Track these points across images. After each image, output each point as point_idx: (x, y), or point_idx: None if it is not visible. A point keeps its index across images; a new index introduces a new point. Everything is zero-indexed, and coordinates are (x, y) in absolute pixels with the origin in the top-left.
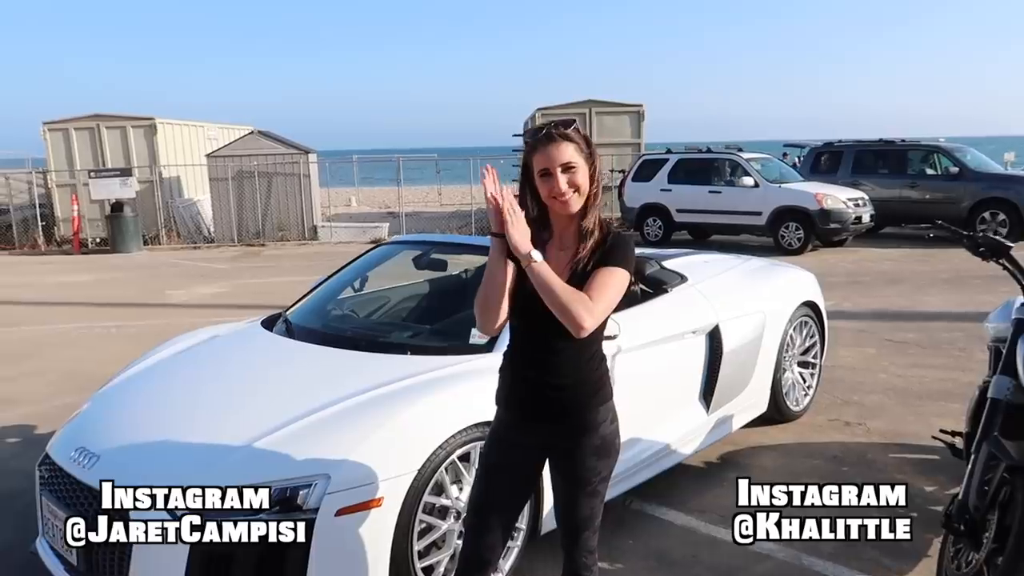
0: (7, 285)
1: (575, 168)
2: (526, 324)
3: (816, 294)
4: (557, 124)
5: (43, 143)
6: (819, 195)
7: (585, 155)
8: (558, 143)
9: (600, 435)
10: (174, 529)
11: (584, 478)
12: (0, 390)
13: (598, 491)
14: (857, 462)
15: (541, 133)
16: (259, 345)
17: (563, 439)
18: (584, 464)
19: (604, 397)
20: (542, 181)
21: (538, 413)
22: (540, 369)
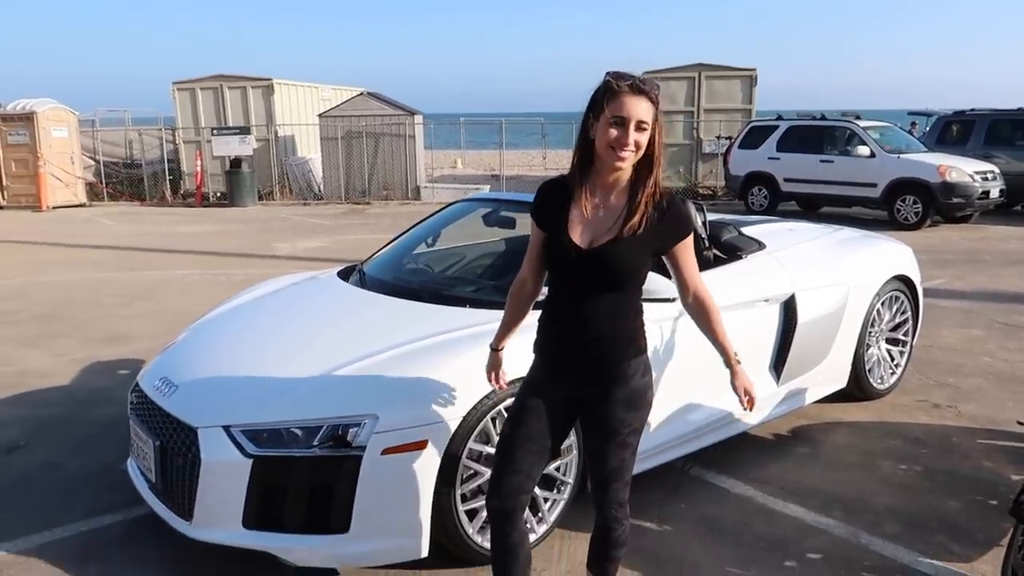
0: (135, 234)
1: (646, 131)
2: (561, 278)
3: (911, 268)
4: (647, 80)
5: (172, 102)
6: (942, 167)
7: (655, 121)
8: (642, 98)
9: (631, 387)
10: (237, 455)
11: (614, 429)
12: (119, 327)
13: (628, 443)
14: (939, 445)
15: (630, 80)
16: (332, 293)
17: (593, 391)
18: (614, 415)
19: (637, 350)
20: (611, 127)
21: (571, 364)
22: (575, 321)
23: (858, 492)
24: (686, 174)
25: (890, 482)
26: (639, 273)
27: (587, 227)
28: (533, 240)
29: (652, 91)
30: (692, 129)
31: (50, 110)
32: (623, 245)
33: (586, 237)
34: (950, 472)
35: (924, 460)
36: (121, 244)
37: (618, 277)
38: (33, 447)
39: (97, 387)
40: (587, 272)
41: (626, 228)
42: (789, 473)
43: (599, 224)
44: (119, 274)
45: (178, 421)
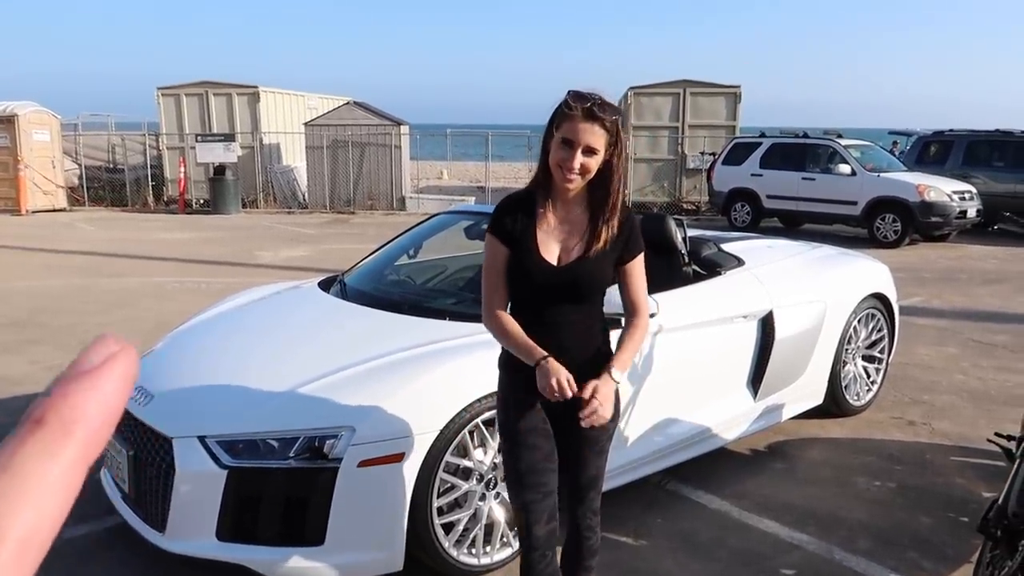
0: (115, 240)
1: (595, 155)
2: (527, 294)
3: (887, 286)
4: (604, 104)
5: (157, 107)
6: (921, 186)
7: (611, 147)
8: (595, 125)
9: None
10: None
11: (594, 437)
12: (96, 334)
13: (605, 450)
14: (913, 462)
15: (586, 104)
16: (312, 304)
17: (569, 403)
18: None
19: (606, 357)
20: (559, 147)
21: None
22: (545, 335)
23: (832, 508)
24: (670, 189)
25: (864, 498)
26: (604, 286)
27: (555, 243)
28: (492, 258)
29: (608, 117)
30: (677, 144)
31: (32, 113)
32: (592, 262)
33: (555, 254)
34: (923, 489)
35: (898, 476)
36: (101, 250)
37: (587, 291)
38: None
39: None
40: (557, 288)
41: (593, 249)
42: (765, 488)
43: (566, 240)
44: (98, 280)
45: (152, 431)
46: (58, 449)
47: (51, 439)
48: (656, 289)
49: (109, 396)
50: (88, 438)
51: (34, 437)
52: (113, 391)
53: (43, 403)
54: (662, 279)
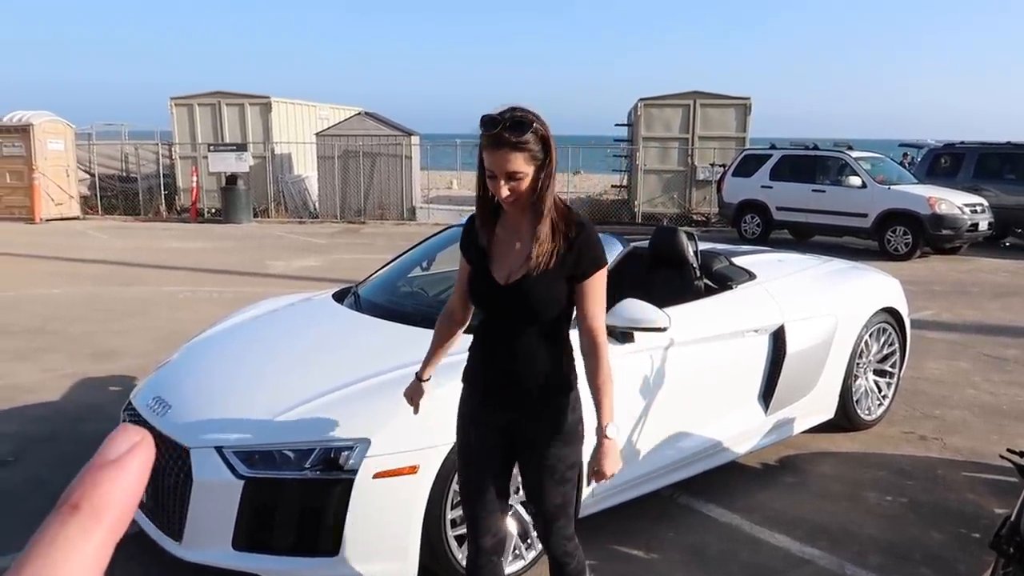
0: (128, 248)
1: (521, 178)
2: (484, 311)
3: (898, 300)
4: (514, 124)
5: (169, 117)
6: (932, 199)
7: (537, 161)
8: (505, 153)
9: (563, 421)
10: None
11: (550, 466)
12: (110, 343)
13: (567, 478)
14: (924, 477)
15: (493, 131)
16: (327, 315)
17: (525, 425)
18: (549, 452)
19: (567, 385)
20: (487, 175)
21: (501, 395)
22: (500, 353)
23: (844, 522)
24: (680, 200)
25: (875, 513)
26: (557, 306)
27: (504, 261)
28: (461, 271)
29: (523, 138)
30: (686, 156)
31: (47, 122)
32: (535, 279)
33: (503, 272)
34: (935, 504)
35: (909, 492)
36: (113, 259)
37: (535, 311)
38: (21, 462)
39: (86, 403)
40: (506, 306)
41: (531, 264)
42: (776, 502)
43: (515, 258)
44: (110, 289)
45: (171, 440)
46: (91, 532)
47: (85, 523)
48: (668, 303)
49: (132, 483)
50: (116, 521)
51: (72, 521)
52: (136, 479)
53: (76, 490)
54: (674, 293)
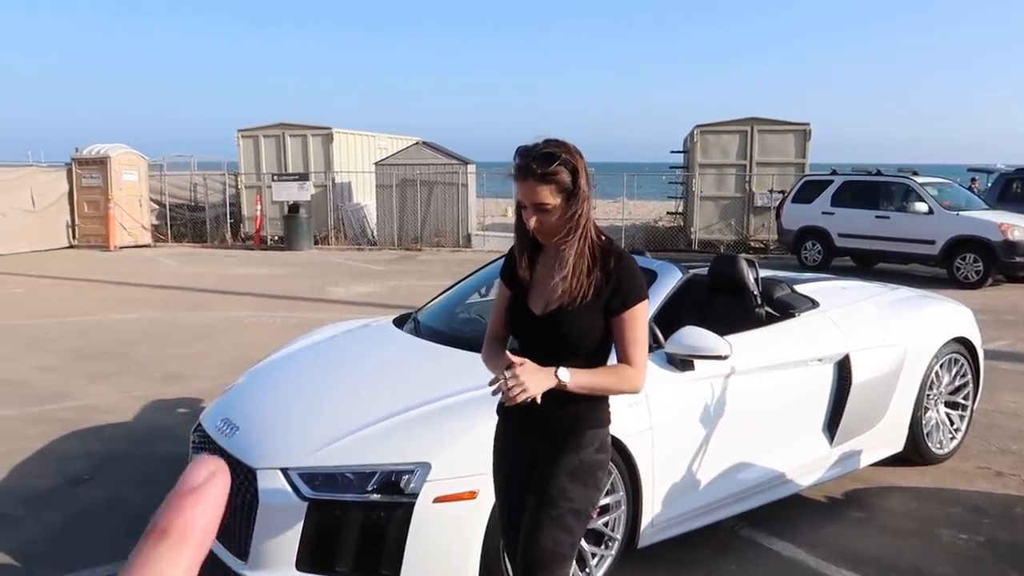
0: (195, 275)
1: (549, 209)
2: (524, 341)
3: (971, 330)
4: (542, 156)
5: (236, 148)
6: (1004, 225)
7: (565, 193)
8: (532, 184)
9: (580, 458)
10: (293, 498)
11: (552, 497)
12: (177, 366)
13: (567, 523)
14: (1002, 515)
15: (522, 163)
16: (387, 341)
17: (545, 455)
18: (556, 482)
19: (596, 422)
20: (518, 206)
21: (529, 424)
22: None
23: (915, 560)
24: (737, 227)
25: (950, 552)
26: (592, 340)
27: (542, 292)
28: (499, 299)
29: (549, 169)
30: (744, 182)
31: (122, 155)
32: (571, 311)
33: (540, 303)
34: (1013, 543)
35: (986, 530)
36: (182, 284)
37: (570, 343)
38: (96, 481)
39: (157, 424)
40: (541, 337)
41: (575, 297)
42: (842, 537)
43: (552, 289)
44: (179, 314)
45: (238, 461)
46: (180, 555)
47: (174, 547)
48: (728, 330)
49: (213, 509)
50: (199, 544)
51: (162, 545)
52: (216, 505)
53: (164, 516)
54: (734, 320)
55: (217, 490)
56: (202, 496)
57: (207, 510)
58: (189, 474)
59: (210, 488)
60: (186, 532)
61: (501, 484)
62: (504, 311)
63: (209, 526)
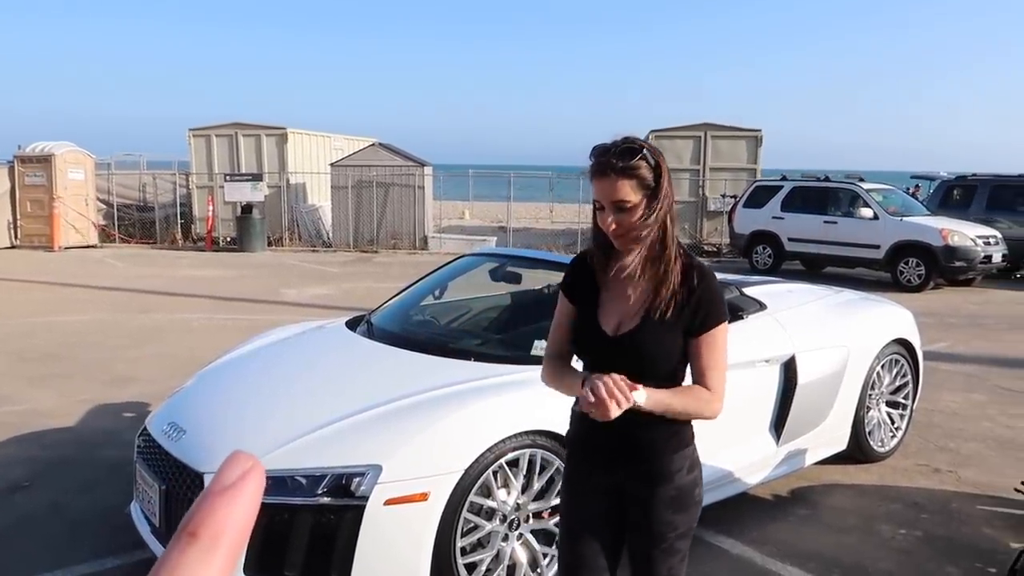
0: (145, 276)
1: (630, 207)
2: (593, 362)
3: (910, 332)
4: (623, 151)
5: (188, 147)
6: (944, 230)
7: (647, 190)
8: (612, 179)
9: (676, 485)
10: None
11: (659, 533)
12: (126, 369)
13: (676, 548)
14: (939, 511)
15: (602, 158)
16: (339, 343)
17: (636, 486)
18: (659, 517)
19: (681, 443)
20: (595, 208)
21: (609, 456)
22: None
23: (857, 556)
24: (691, 231)
25: (890, 547)
26: (670, 361)
27: (615, 310)
28: (558, 316)
29: (631, 163)
30: (698, 187)
31: (68, 153)
32: (648, 331)
33: (612, 322)
34: (950, 538)
35: (924, 525)
36: (130, 286)
37: (648, 365)
38: (38, 487)
39: (102, 428)
40: (616, 359)
41: (649, 313)
42: (788, 534)
43: (627, 308)
44: (127, 316)
45: (184, 466)
46: (211, 559)
47: (205, 550)
48: None
49: (247, 508)
50: (232, 546)
51: (192, 548)
52: (250, 504)
53: (194, 518)
54: None
55: (251, 489)
56: (235, 495)
57: (240, 510)
58: (222, 472)
59: (244, 487)
60: (218, 534)
61: (572, 519)
62: (567, 327)
63: (243, 527)
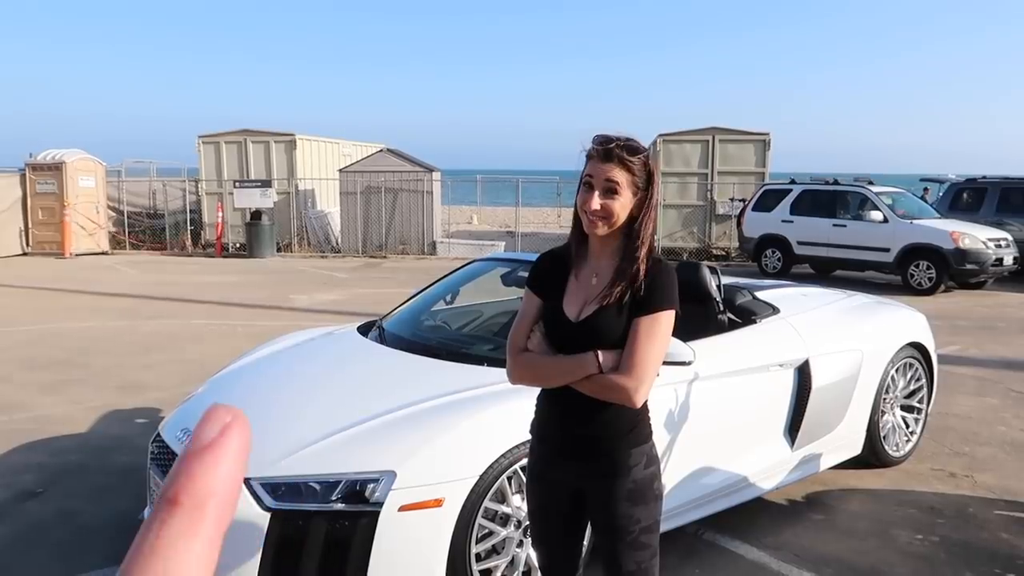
0: (155, 282)
1: (617, 194)
2: (557, 346)
3: (925, 335)
4: (626, 146)
5: (197, 154)
6: (955, 233)
7: (636, 189)
8: (613, 164)
9: (634, 479)
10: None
11: (621, 527)
12: (136, 376)
13: (642, 543)
14: (955, 516)
15: (606, 145)
16: (351, 348)
17: (595, 480)
18: (618, 511)
19: (639, 438)
20: (583, 188)
21: (567, 450)
22: (569, 404)
23: (873, 562)
24: (699, 235)
25: (906, 552)
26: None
27: (579, 296)
28: (524, 309)
29: (627, 157)
30: (706, 191)
31: (78, 160)
32: (604, 316)
33: (575, 307)
34: (967, 543)
35: (940, 530)
36: (140, 292)
37: (605, 348)
38: (49, 494)
39: (114, 435)
40: (578, 341)
41: (611, 296)
42: (803, 539)
43: (591, 292)
44: (137, 322)
45: None
46: (196, 527)
47: (188, 519)
48: (691, 337)
49: (232, 468)
50: (219, 512)
51: (172, 518)
52: (234, 462)
53: (173, 483)
54: (697, 327)
55: (233, 446)
56: (217, 454)
57: (224, 471)
58: (200, 429)
59: (226, 443)
60: (202, 499)
61: (537, 505)
62: (534, 319)
63: (229, 489)
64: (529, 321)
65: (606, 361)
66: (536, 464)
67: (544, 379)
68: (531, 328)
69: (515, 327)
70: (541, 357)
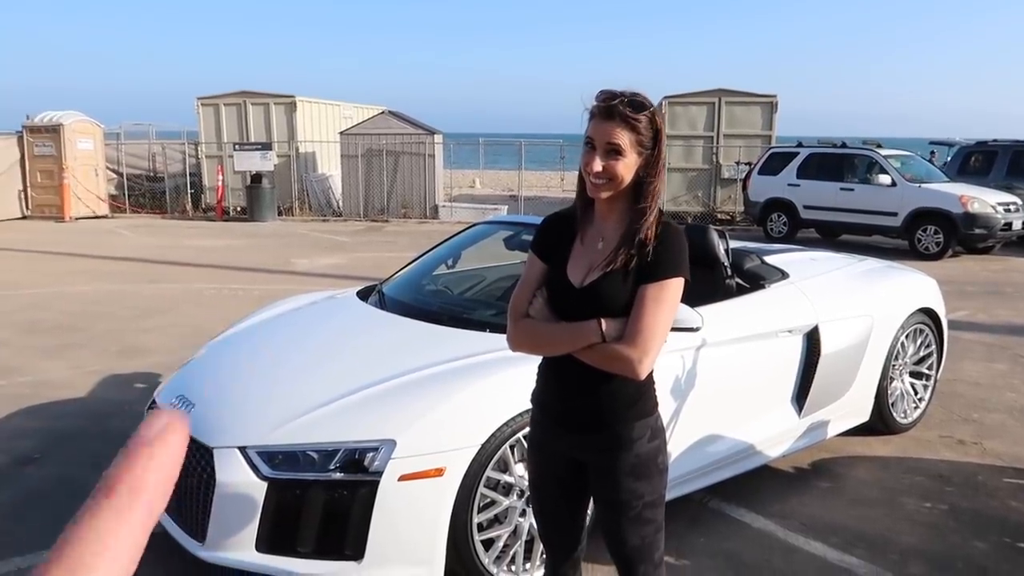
0: (155, 246)
1: (621, 155)
2: (560, 312)
3: (935, 301)
4: (632, 102)
5: (196, 117)
6: (964, 197)
7: (641, 148)
8: (615, 123)
9: (637, 453)
10: (252, 477)
11: (624, 502)
12: (137, 340)
13: (645, 517)
14: (964, 483)
15: (608, 102)
16: (351, 313)
17: (596, 454)
18: (621, 485)
19: (643, 411)
20: (585, 149)
21: (568, 421)
22: (571, 374)
23: (882, 530)
24: (704, 199)
25: (915, 520)
26: (628, 309)
27: (583, 261)
28: (527, 273)
29: (631, 114)
30: (711, 154)
31: (76, 123)
32: (609, 281)
33: (580, 272)
34: (976, 511)
35: (949, 498)
36: (140, 256)
37: (607, 314)
38: (48, 460)
39: (113, 400)
40: (581, 308)
41: (616, 262)
42: (810, 508)
43: (595, 258)
44: (137, 286)
45: (194, 440)
46: (127, 514)
47: (120, 506)
48: (699, 302)
49: (167, 464)
50: (151, 503)
51: (107, 505)
52: (170, 460)
53: (112, 474)
54: (705, 292)
55: (172, 445)
56: (156, 450)
57: (160, 466)
58: (143, 428)
59: (165, 442)
60: (136, 490)
61: (537, 474)
62: (537, 284)
63: (162, 484)
64: (531, 286)
65: (609, 329)
66: (536, 434)
67: (544, 347)
68: (533, 293)
69: (517, 292)
70: (543, 324)
